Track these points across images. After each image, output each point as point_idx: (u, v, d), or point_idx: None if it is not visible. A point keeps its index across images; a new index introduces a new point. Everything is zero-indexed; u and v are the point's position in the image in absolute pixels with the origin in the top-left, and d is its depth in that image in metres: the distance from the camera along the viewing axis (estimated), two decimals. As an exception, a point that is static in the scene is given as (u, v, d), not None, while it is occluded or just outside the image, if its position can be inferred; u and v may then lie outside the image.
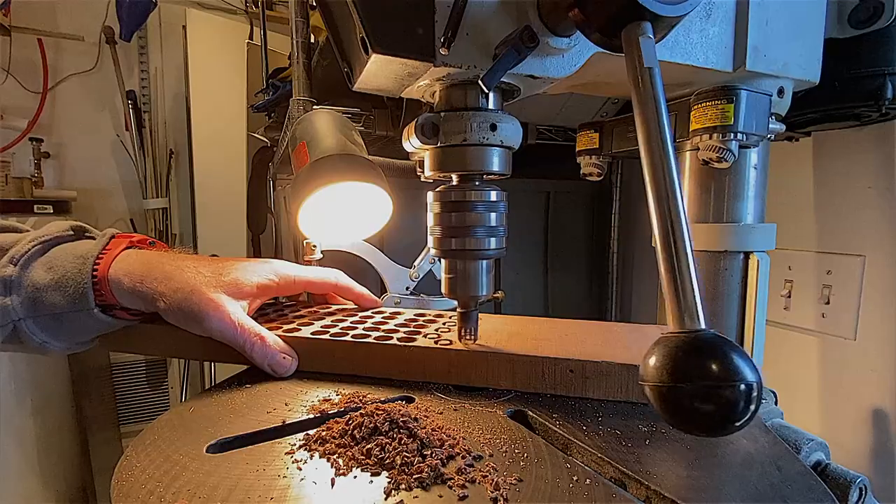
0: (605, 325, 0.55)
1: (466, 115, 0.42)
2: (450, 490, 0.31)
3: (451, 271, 0.46)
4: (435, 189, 0.46)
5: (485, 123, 0.42)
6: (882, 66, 0.61)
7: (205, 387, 2.08)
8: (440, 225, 0.45)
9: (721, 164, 0.54)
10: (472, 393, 0.45)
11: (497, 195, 0.44)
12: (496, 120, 0.42)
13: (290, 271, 0.55)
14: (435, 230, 0.45)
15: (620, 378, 0.43)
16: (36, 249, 0.49)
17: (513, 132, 0.43)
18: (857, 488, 0.47)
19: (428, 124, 0.43)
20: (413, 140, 0.44)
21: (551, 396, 0.44)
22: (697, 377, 0.26)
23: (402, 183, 0.74)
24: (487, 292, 0.46)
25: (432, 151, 0.45)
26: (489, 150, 0.43)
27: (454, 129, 0.42)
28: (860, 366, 0.83)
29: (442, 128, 0.43)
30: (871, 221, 0.80)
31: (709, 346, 0.27)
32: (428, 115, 0.43)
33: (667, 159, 0.30)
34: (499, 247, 0.45)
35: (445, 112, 0.43)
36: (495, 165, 0.44)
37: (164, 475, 0.32)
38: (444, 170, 0.45)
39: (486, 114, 0.42)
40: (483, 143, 0.42)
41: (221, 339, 0.47)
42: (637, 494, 0.32)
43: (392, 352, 0.47)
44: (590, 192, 1.32)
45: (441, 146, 0.43)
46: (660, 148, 0.30)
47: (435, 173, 0.45)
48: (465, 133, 0.42)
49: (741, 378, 0.25)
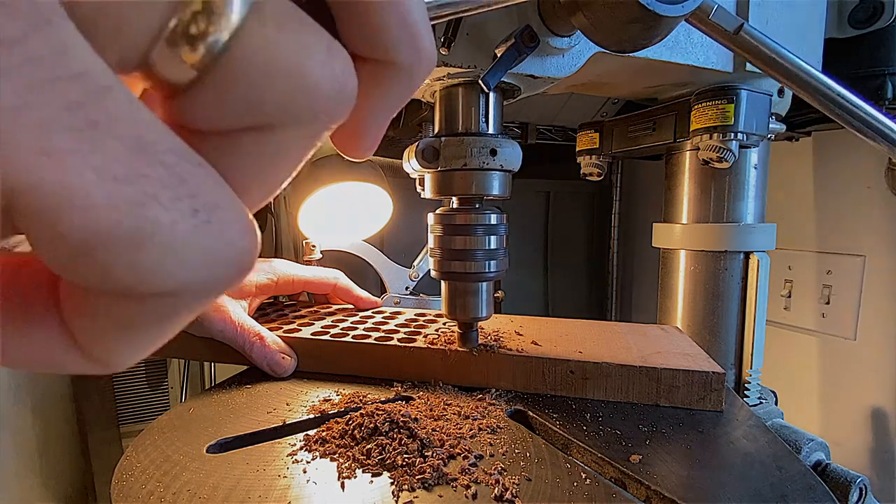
0: (605, 324, 0.55)
1: (466, 141, 0.42)
2: (452, 490, 0.31)
3: (451, 293, 0.46)
4: (436, 210, 0.46)
5: (485, 149, 0.42)
6: (882, 66, 0.61)
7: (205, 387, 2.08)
8: (440, 248, 0.45)
9: (721, 164, 0.54)
10: (472, 393, 0.45)
11: (497, 218, 0.45)
12: (496, 145, 0.43)
13: (289, 271, 0.55)
14: (435, 252, 0.46)
15: (621, 379, 0.43)
16: None
17: (513, 156, 0.44)
18: (857, 488, 0.48)
19: (428, 149, 0.43)
20: (413, 163, 0.44)
21: (551, 396, 0.44)
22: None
23: (402, 183, 0.74)
24: (488, 314, 0.46)
25: (433, 175, 0.45)
26: (489, 175, 0.44)
27: (454, 153, 0.43)
28: (860, 366, 0.83)
29: (442, 153, 0.43)
30: (871, 221, 0.80)
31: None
32: (428, 140, 0.43)
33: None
34: (498, 269, 0.45)
35: (446, 136, 0.44)
36: (495, 189, 0.44)
37: (164, 475, 0.32)
38: (444, 193, 0.45)
39: (485, 139, 0.43)
40: (483, 167, 0.43)
41: (222, 339, 0.48)
42: (637, 494, 0.32)
43: (392, 352, 0.47)
44: (590, 192, 1.32)
45: (441, 170, 0.44)
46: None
47: (435, 196, 0.46)
48: (465, 158, 0.42)
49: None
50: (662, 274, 0.67)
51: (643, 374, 0.42)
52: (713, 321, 0.61)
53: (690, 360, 0.43)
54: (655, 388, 0.42)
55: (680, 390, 0.42)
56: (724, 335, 0.61)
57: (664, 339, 0.50)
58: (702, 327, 0.62)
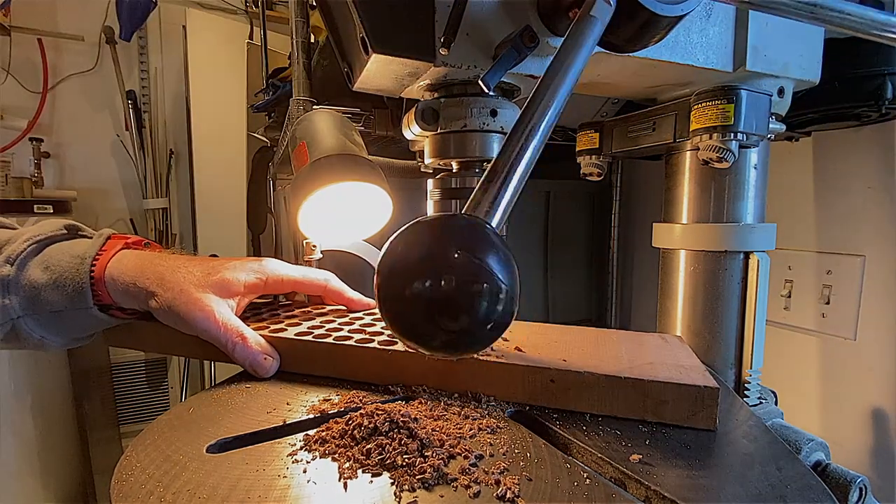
0: (600, 332, 0.52)
1: (466, 101, 0.42)
2: (453, 490, 0.31)
3: None
4: (435, 177, 0.46)
5: (485, 109, 0.42)
6: (882, 66, 0.61)
7: (205, 387, 2.08)
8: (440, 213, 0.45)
9: (721, 164, 0.54)
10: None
11: None
12: (496, 106, 0.42)
13: (279, 270, 0.55)
14: None
15: (604, 391, 0.40)
16: (31, 249, 0.50)
17: (513, 118, 0.43)
18: (857, 488, 0.47)
19: (428, 110, 0.43)
20: (413, 127, 0.43)
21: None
22: (440, 259, 0.23)
23: (402, 183, 0.74)
24: None
25: (432, 138, 0.44)
26: (489, 137, 0.43)
27: (454, 115, 0.42)
28: (860, 366, 0.83)
29: (442, 114, 0.42)
30: (871, 221, 0.80)
31: (475, 233, 0.24)
32: (428, 101, 0.43)
33: (562, 87, 0.30)
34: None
35: (445, 98, 0.43)
36: (496, 152, 0.43)
37: (164, 475, 0.32)
38: (444, 156, 0.44)
39: (486, 99, 0.42)
40: (483, 129, 0.42)
41: (207, 338, 0.48)
42: (637, 494, 0.32)
43: (371, 355, 0.46)
44: (590, 191, 1.32)
45: (441, 132, 0.43)
46: (561, 78, 0.30)
47: (435, 160, 0.45)
48: (465, 119, 0.42)
49: (485, 278, 0.23)
50: (662, 274, 0.67)
51: (629, 385, 0.39)
52: (713, 321, 0.61)
53: (683, 373, 0.40)
54: (642, 402, 0.39)
55: (669, 405, 0.39)
56: (724, 335, 0.61)
57: (660, 349, 0.47)
58: (702, 327, 0.62)
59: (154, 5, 1.97)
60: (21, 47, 1.93)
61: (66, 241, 0.52)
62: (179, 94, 2.18)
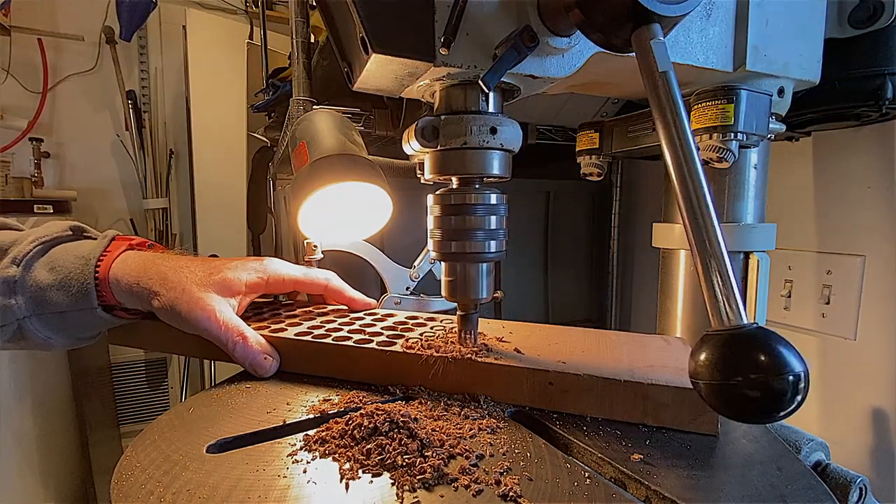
0: (601, 333, 0.52)
1: (466, 119, 0.42)
2: (453, 490, 0.30)
3: (451, 274, 0.46)
4: (435, 192, 0.46)
5: (485, 127, 0.42)
6: (882, 66, 0.61)
7: (205, 387, 2.08)
8: (440, 228, 0.45)
9: (721, 164, 0.54)
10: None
11: (497, 198, 0.44)
12: (496, 123, 0.42)
13: (280, 270, 0.55)
14: (435, 233, 0.45)
15: (603, 393, 0.39)
16: (37, 250, 0.50)
17: (513, 135, 0.43)
18: (857, 488, 0.47)
19: (428, 127, 0.43)
20: (413, 143, 0.44)
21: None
22: (747, 371, 0.26)
23: (402, 183, 0.74)
24: (487, 295, 0.46)
25: (432, 154, 0.45)
26: (489, 154, 0.43)
27: (454, 132, 0.42)
28: (860, 366, 0.83)
29: (442, 131, 0.42)
30: (871, 221, 0.80)
31: (755, 340, 0.27)
32: (428, 119, 0.43)
33: (692, 162, 0.31)
34: (499, 250, 0.45)
35: (445, 115, 0.43)
36: (495, 169, 0.43)
37: (164, 475, 0.32)
38: (443, 173, 0.45)
39: (485, 117, 0.42)
40: (483, 146, 0.42)
41: (208, 337, 0.48)
42: (637, 494, 0.32)
43: (371, 355, 0.46)
44: (590, 191, 1.32)
45: (441, 149, 0.43)
46: (684, 150, 0.31)
47: (435, 176, 0.45)
48: (465, 136, 0.42)
49: (789, 369, 0.26)
50: (662, 274, 0.67)
51: (628, 388, 0.38)
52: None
53: (685, 376, 0.39)
54: (641, 406, 0.39)
55: (668, 409, 0.38)
56: (724, 335, 0.60)
57: (662, 352, 0.46)
58: (702, 327, 0.62)
59: (154, 5, 1.97)
60: (21, 47, 1.93)
61: (72, 243, 0.53)
62: (179, 94, 2.18)
